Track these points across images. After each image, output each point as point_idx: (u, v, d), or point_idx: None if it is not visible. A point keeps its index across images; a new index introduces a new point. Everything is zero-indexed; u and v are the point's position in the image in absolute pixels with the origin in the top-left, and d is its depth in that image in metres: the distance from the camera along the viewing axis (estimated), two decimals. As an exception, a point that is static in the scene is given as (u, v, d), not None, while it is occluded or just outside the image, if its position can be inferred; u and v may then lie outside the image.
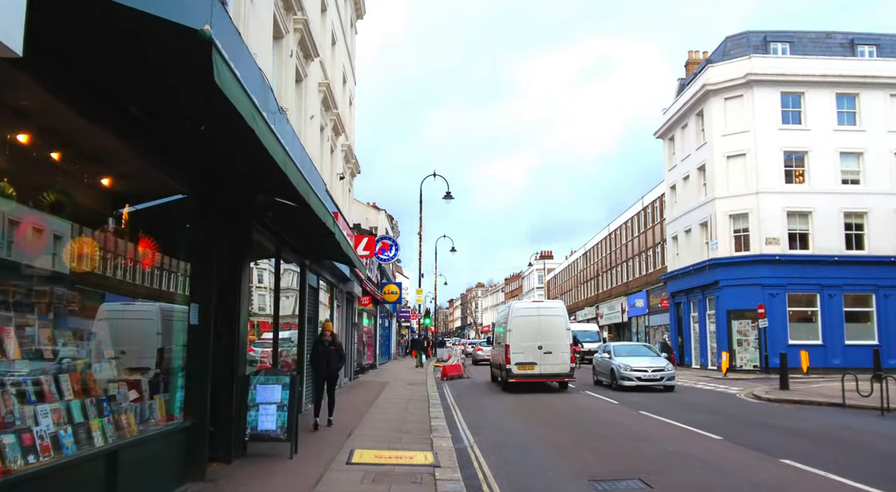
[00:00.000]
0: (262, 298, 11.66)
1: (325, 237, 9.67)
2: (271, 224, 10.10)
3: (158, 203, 7.79)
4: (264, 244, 11.12)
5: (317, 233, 9.77)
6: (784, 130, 32.18)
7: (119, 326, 7.03)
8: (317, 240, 10.62)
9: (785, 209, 31.63)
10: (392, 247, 24.00)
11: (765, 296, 30.75)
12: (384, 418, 13.26)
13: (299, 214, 9.12)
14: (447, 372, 27.24)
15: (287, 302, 13.59)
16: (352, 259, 11.29)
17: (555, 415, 14.99)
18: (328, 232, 8.92)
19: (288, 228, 10.52)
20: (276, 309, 11.83)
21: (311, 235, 10.44)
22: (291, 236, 11.63)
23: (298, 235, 11.08)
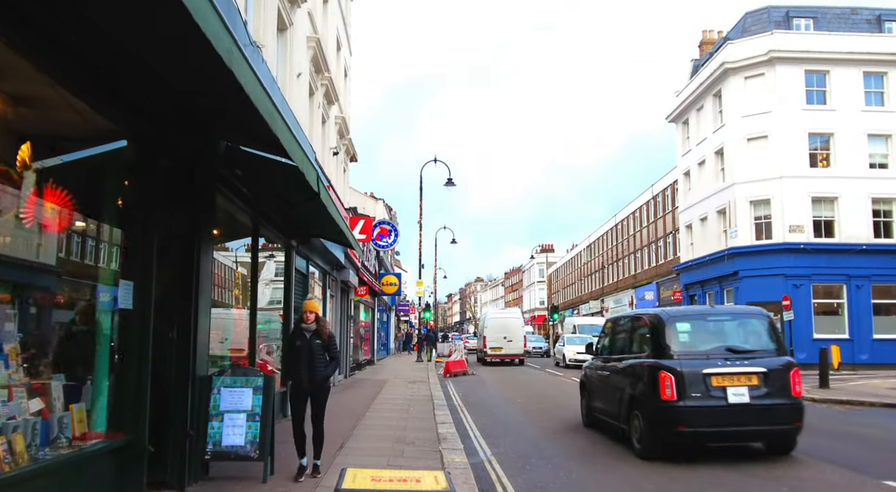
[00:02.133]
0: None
1: (308, 202, 7.68)
2: (242, 188, 8.11)
3: (85, 150, 5.82)
4: (238, 218, 9.15)
5: (298, 198, 7.79)
6: (808, 110, 30.20)
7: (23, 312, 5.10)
8: (300, 209, 8.64)
9: (810, 195, 29.67)
10: (391, 232, 22.03)
11: (788, 287, 28.80)
12: (383, 425, 11.30)
13: (274, 171, 7.15)
14: (450, 369, 25.33)
15: (271, 290, 11.64)
16: (343, 231, 9.32)
17: (574, 418, 13.04)
18: (311, 194, 6.94)
19: (263, 193, 8.54)
20: (253, 296, 9.87)
21: (291, 201, 8.47)
22: (270, 207, 9.65)
23: (277, 204, 9.10)
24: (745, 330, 9.47)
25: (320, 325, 7.53)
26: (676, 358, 8.74)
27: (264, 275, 12.25)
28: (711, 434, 8.61)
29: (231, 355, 9.52)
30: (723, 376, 8.48)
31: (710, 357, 8.72)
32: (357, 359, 25.32)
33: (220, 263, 9.34)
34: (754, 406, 8.39)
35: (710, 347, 8.95)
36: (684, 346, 9.03)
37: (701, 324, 9.65)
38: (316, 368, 7.36)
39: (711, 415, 8.40)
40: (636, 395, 9.20)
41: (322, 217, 8.50)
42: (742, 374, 8.53)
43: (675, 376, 8.47)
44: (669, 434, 8.55)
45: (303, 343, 7.39)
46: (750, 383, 8.48)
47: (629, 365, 9.78)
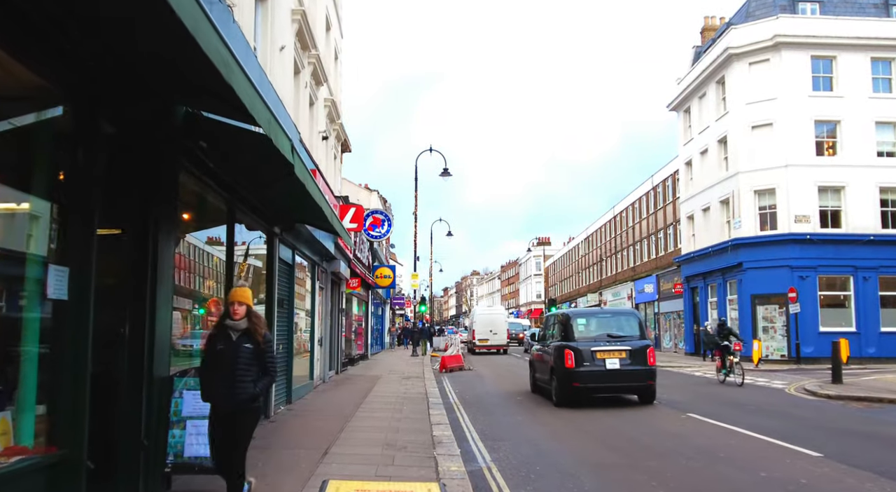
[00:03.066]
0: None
1: (285, 179, 6.76)
2: (210, 164, 7.18)
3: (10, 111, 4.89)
4: (209, 200, 8.22)
5: (273, 174, 6.86)
6: (815, 97, 29.29)
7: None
8: (276, 188, 7.73)
9: (816, 184, 28.80)
10: (384, 222, 21.07)
11: (794, 279, 27.99)
12: (373, 426, 10.42)
13: (243, 142, 6.24)
14: (446, 363, 24.46)
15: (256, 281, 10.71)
16: (328, 217, 8.38)
17: (585, 421, 12.18)
18: (287, 170, 6.01)
19: (235, 170, 7.61)
20: (227, 288, 8.94)
21: (265, 179, 7.55)
22: (247, 189, 8.72)
23: (253, 184, 8.17)
24: (620, 323, 14.40)
25: (253, 323, 5.66)
26: (575, 341, 13.66)
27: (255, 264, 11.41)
28: (596, 388, 13.59)
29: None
30: (603, 351, 13.37)
31: (596, 340, 13.67)
32: (349, 354, 24.44)
33: (205, 252, 8.44)
34: (623, 370, 13.29)
35: (596, 334, 13.90)
36: (581, 333, 13.95)
37: (592, 319, 14.70)
38: (240, 381, 5.49)
39: (596, 376, 13.27)
40: (554, 365, 13.99)
41: (303, 199, 7.58)
42: (615, 350, 13.41)
43: (574, 351, 13.32)
44: (571, 389, 13.39)
45: (227, 347, 5.54)
46: (620, 356, 13.36)
47: (552, 346, 14.37)
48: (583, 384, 13.27)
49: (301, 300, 15.08)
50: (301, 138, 12.15)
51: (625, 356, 13.29)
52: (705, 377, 21.20)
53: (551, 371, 14.15)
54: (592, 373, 13.17)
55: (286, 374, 12.75)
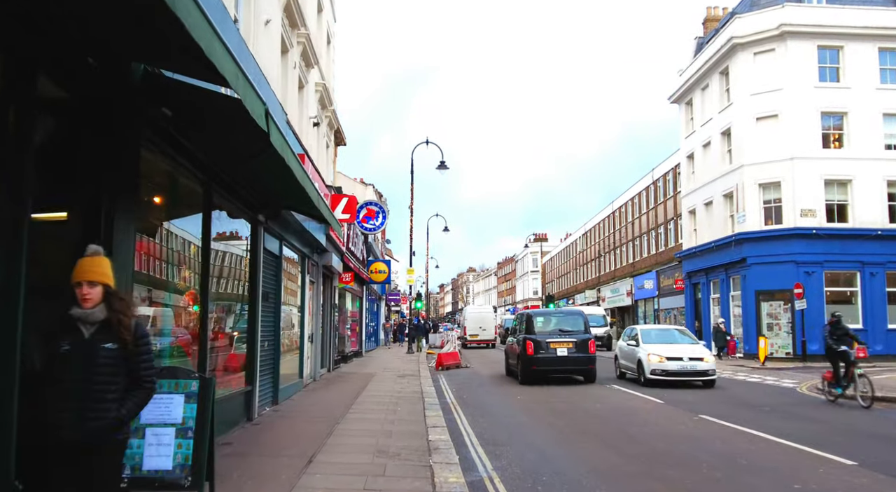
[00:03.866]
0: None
1: (262, 153, 5.96)
2: (179, 137, 6.37)
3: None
4: (181, 181, 7.42)
5: (248, 146, 6.05)
6: (821, 88, 28.58)
7: None
8: (253, 163, 6.92)
9: (822, 177, 28.10)
10: (379, 214, 20.24)
11: (799, 274, 27.32)
12: (365, 430, 9.63)
13: (212, 107, 5.43)
14: (443, 361, 23.68)
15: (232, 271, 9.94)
16: (314, 201, 7.57)
17: (589, 420, 11.42)
18: (263, 142, 5.20)
19: (209, 144, 6.79)
20: (203, 280, 8.14)
21: (241, 153, 6.73)
22: (226, 169, 7.91)
23: (226, 158, 7.35)
24: (569, 321, 18.56)
25: (116, 311, 3.75)
26: (535, 334, 17.50)
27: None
28: (550, 370, 17.26)
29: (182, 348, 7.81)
30: (555, 342, 17.23)
31: (550, 334, 17.56)
32: (343, 351, 23.64)
33: (185, 240, 7.64)
34: (570, 357, 17.19)
35: (551, 329, 17.91)
36: (539, 328, 17.96)
37: (548, 317, 19.12)
38: (96, 400, 3.62)
39: (549, 361, 17.08)
40: (519, 353, 17.85)
41: (285, 179, 6.77)
42: (564, 342, 17.29)
43: (534, 342, 17.15)
44: (530, 369, 17.19)
45: (75, 348, 3.64)
46: (568, 346, 17.24)
47: (518, 339, 18.35)
48: (539, 367, 17.27)
49: (290, 295, 14.29)
50: (288, 120, 11.34)
51: (572, 346, 17.34)
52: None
53: (517, 358, 18.24)
54: (547, 358, 17.20)
55: (273, 373, 11.96)
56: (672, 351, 17.02)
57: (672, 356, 16.73)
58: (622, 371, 19.19)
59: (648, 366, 16.82)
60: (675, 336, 18.80)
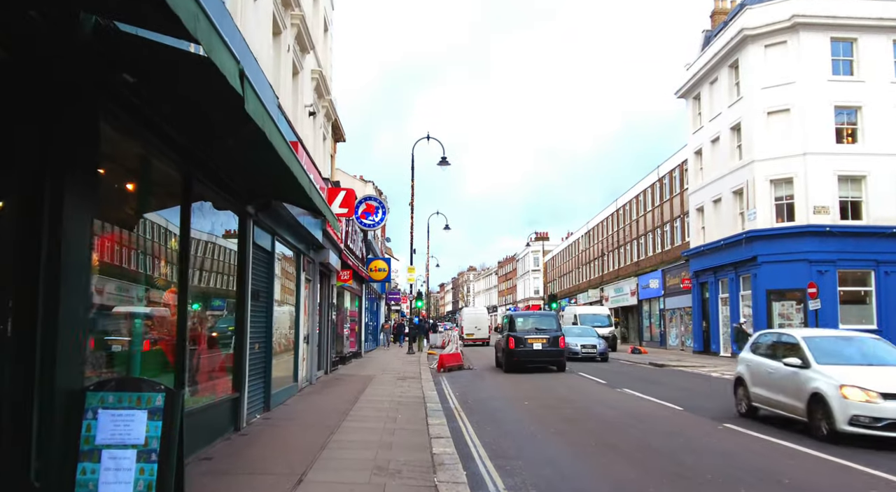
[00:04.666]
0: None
1: (240, 129, 5.12)
2: (146, 109, 5.53)
3: None
4: (155, 164, 6.59)
5: (223, 122, 5.22)
6: (834, 81, 27.71)
7: None
8: (234, 141, 6.08)
9: (836, 173, 27.24)
10: (378, 210, 19.39)
11: (812, 273, 26.49)
12: (363, 441, 8.80)
13: (179, 72, 4.59)
14: (444, 362, 22.85)
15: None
16: (306, 188, 6.73)
17: (607, 431, 10.59)
18: (240, 111, 4.36)
19: (181, 120, 5.94)
20: (182, 276, 7.31)
21: (217, 129, 5.90)
22: (204, 149, 7.08)
23: (202, 135, 6.50)
24: (544, 321, 22.35)
25: None
26: (516, 332, 21.35)
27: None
28: (527, 361, 21.06)
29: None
30: (532, 338, 21.00)
31: (528, 332, 21.23)
32: (341, 352, 22.81)
33: (166, 231, 6.82)
34: (543, 350, 20.96)
35: (529, 328, 21.56)
36: (519, 327, 21.70)
37: (527, 318, 23.04)
38: None
39: (527, 353, 20.90)
40: (503, 347, 21.78)
41: (271, 161, 5.94)
42: (539, 338, 21.04)
43: (515, 338, 21.03)
44: (512, 361, 21.08)
45: None
46: (542, 341, 20.97)
47: (503, 335, 22.48)
48: (519, 359, 21.26)
49: (284, 293, 13.46)
50: (281, 105, 10.50)
51: (545, 341, 21.21)
52: None
53: (502, 351, 22.32)
54: (525, 351, 21.22)
55: (264, 377, 11.13)
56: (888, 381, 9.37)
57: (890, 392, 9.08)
58: (760, 404, 11.49)
59: (845, 408, 9.16)
60: (878, 351, 10.75)
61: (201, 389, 8.28)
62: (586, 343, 27.42)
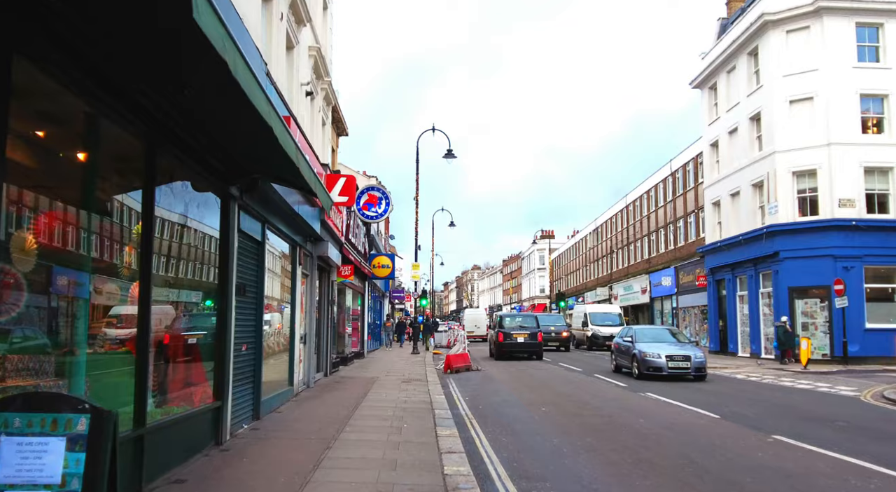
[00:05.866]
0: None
1: (199, 65, 3.89)
2: (86, 47, 4.30)
3: None
4: (102, 123, 5.37)
5: (187, 66, 4.00)
6: (860, 68, 26.40)
7: None
8: (203, 100, 4.85)
9: (861, 164, 25.92)
10: (381, 201, 18.12)
11: (837, 269, 25.18)
12: (362, 459, 7.57)
13: None
14: (451, 363, 21.62)
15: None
16: (294, 160, 5.53)
17: (641, 444, 9.34)
18: (199, 40, 3.13)
19: (128, 61, 4.70)
20: (144, 266, 6.10)
21: (181, 76, 4.66)
22: (167, 108, 5.85)
23: (157, 83, 5.26)
24: (528, 320, 29.05)
25: None
26: (504, 329, 27.76)
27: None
28: (513, 352, 27.30)
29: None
30: (516, 333, 27.39)
31: (513, 328, 27.71)
32: (342, 352, 21.59)
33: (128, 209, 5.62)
34: (525, 343, 27.17)
35: (515, 325, 28.20)
36: (506, 324, 28.42)
37: (513, 318, 29.98)
38: None
39: (512, 345, 27.24)
40: (494, 340, 28.17)
41: (244, 115, 4.71)
42: (522, 333, 27.31)
43: (503, 333, 27.43)
44: (501, 352, 27.20)
45: None
46: (525, 336, 27.22)
47: (494, 331, 28.97)
48: (506, 349, 27.16)
49: (278, 289, 12.25)
50: (270, 73, 9.27)
51: (527, 336, 27.11)
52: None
53: (492, 343, 28.74)
54: (510, 344, 27.27)
55: (253, 381, 9.92)
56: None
57: None
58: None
59: None
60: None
61: (173, 398, 7.08)
62: (675, 353, 18.04)
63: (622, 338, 21.00)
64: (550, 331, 34.04)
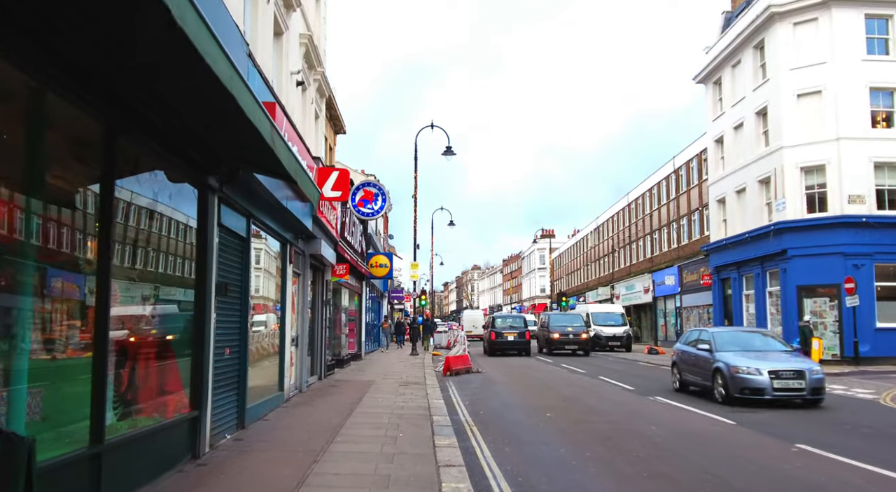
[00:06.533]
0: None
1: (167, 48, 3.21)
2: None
3: None
4: (47, 97, 4.70)
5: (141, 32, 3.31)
6: (869, 61, 25.70)
7: None
8: (161, 70, 4.18)
9: (871, 160, 25.24)
10: (378, 197, 17.43)
11: (847, 267, 24.50)
12: (352, 475, 6.89)
13: None
14: (451, 365, 20.95)
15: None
16: (263, 135, 4.85)
17: (655, 454, 8.66)
18: None
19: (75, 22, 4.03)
20: (101, 254, 5.43)
21: (133, 36, 3.99)
22: (125, 84, 5.18)
23: (109, 54, 4.58)
24: (518, 321, 33.96)
25: None
26: (496, 328, 31.88)
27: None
28: (503, 349, 31.44)
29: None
30: (507, 332, 31.62)
31: (504, 328, 31.92)
32: (339, 354, 20.92)
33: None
34: (515, 341, 31.35)
35: (506, 325, 32.35)
36: (498, 325, 32.45)
37: (504, 318, 34.54)
38: None
39: (503, 343, 31.39)
40: (487, 338, 32.87)
41: (203, 83, 4.04)
42: (512, 332, 31.64)
43: (495, 332, 31.60)
44: (493, 348, 31.41)
45: None
46: (514, 335, 31.48)
47: (488, 330, 33.35)
48: (498, 346, 31.05)
49: (267, 288, 11.58)
50: (251, 53, 8.58)
51: (516, 335, 31.11)
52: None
53: (486, 341, 33.06)
54: (501, 341, 31.19)
55: (237, 388, 9.23)
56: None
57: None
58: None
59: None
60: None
61: (142, 408, 6.40)
62: (781, 368, 12.92)
63: (692, 344, 15.38)
64: (567, 332, 30.99)
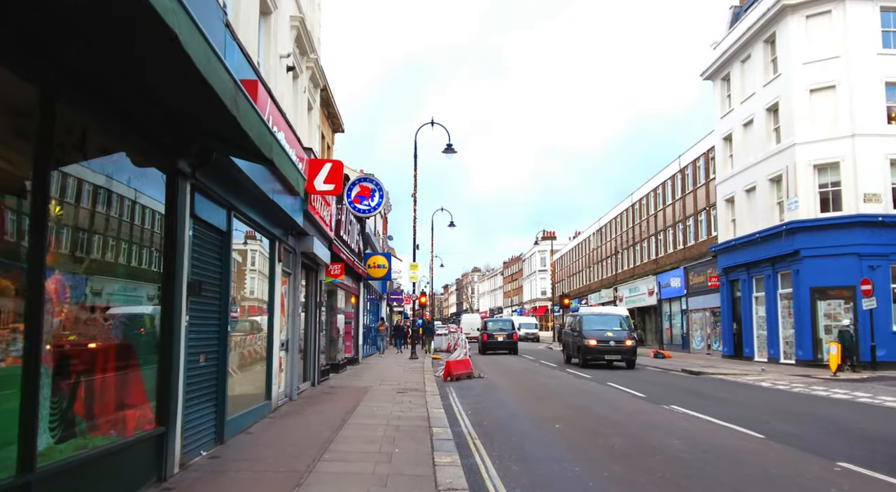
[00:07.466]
0: None
1: None
2: None
3: None
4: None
5: None
6: (885, 55, 24.89)
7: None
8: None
9: (888, 157, 24.41)
10: (375, 193, 16.48)
11: (863, 268, 23.61)
12: (338, 501, 5.97)
13: None
14: (451, 370, 20.04)
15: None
16: (226, 104, 3.94)
17: (680, 474, 7.73)
18: None
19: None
20: (33, 241, 4.52)
21: None
22: (68, 42, 4.28)
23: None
24: (507, 324, 40.18)
25: None
26: (488, 330, 38.33)
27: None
28: (494, 348, 37.35)
29: None
30: (496, 333, 38.05)
31: (495, 330, 38.25)
32: (334, 358, 19.98)
33: None
34: (504, 341, 37.59)
35: (496, 328, 38.82)
36: (490, 327, 39.02)
37: (494, 322, 41.25)
38: None
39: (494, 343, 37.39)
40: (480, 339, 38.05)
41: (175, 61, 3.13)
42: (501, 333, 38.09)
43: (487, 334, 37.99)
44: (485, 347, 37.00)
45: None
46: (504, 335, 37.97)
47: (480, 332, 39.29)
48: (489, 347, 36.36)
49: (252, 288, 10.66)
50: (229, 22, 7.67)
51: (504, 336, 36.89)
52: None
53: (479, 341, 37.31)
54: (492, 341, 36.72)
55: (214, 399, 8.31)
56: None
57: None
58: None
59: None
60: None
61: (96, 425, 5.48)
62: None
63: None
64: (608, 339, 24.18)
